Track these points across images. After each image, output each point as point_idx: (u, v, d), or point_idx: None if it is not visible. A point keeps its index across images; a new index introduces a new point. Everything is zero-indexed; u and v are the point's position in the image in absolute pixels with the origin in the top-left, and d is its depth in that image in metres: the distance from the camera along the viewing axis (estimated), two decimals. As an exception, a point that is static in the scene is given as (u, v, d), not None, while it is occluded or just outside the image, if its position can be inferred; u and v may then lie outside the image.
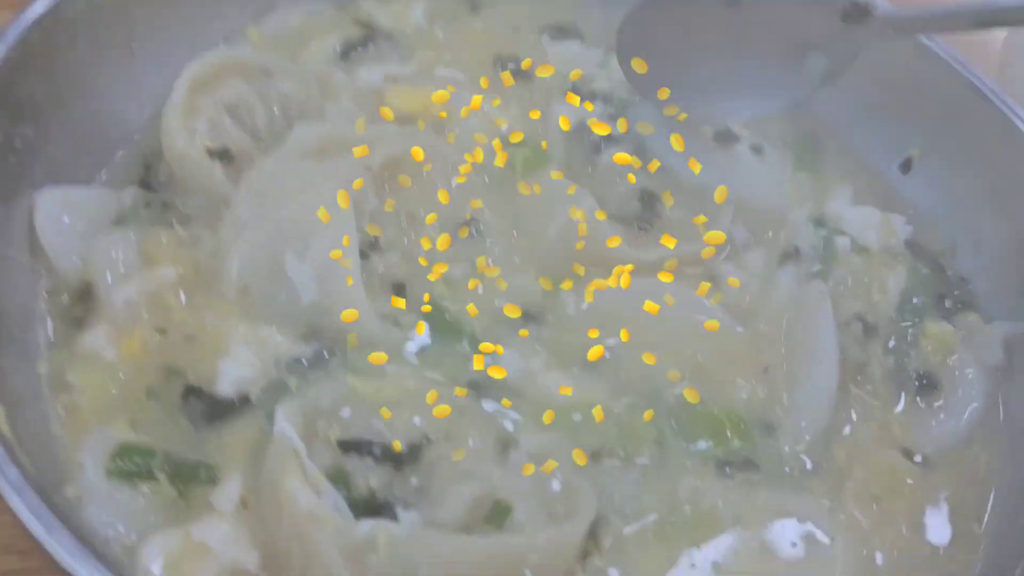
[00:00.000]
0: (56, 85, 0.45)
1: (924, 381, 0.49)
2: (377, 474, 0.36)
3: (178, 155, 0.44)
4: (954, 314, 0.52)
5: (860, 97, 0.58)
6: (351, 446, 0.37)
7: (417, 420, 0.39)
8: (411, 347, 0.44)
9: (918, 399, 0.49)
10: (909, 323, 0.50)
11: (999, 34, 0.77)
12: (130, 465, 0.36)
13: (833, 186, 0.59)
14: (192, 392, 0.40)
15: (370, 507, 0.35)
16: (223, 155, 0.45)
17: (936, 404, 0.49)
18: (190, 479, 0.37)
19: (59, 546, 0.30)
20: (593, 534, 0.38)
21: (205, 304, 0.43)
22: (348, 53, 0.57)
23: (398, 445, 0.36)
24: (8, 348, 0.39)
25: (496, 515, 0.35)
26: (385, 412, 0.38)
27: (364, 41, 0.58)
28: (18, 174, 0.43)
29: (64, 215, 0.42)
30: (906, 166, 0.57)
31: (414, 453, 0.37)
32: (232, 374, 0.40)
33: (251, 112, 0.47)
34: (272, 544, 0.35)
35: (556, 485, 0.38)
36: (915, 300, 0.51)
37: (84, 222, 0.43)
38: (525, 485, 0.37)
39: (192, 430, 0.39)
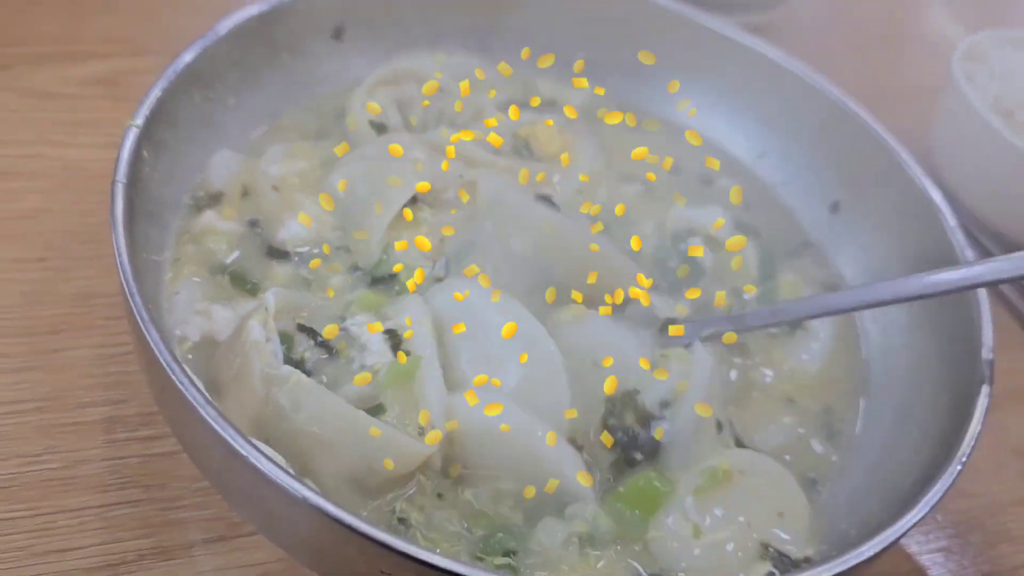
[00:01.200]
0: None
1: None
2: (312, 352, 0.48)
3: (350, 116, 0.62)
4: (795, 260, 0.63)
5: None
6: (304, 329, 0.49)
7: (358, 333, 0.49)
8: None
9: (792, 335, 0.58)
10: (770, 284, 0.60)
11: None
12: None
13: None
14: (260, 231, 0.56)
15: (296, 366, 0.46)
16: (379, 127, 0.62)
17: (802, 334, 0.58)
18: (240, 286, 0.53)
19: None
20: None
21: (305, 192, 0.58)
22: (509, 103, 0.63)
23: (332, 332, 0.48)
24: (155, 219, 0.52)
25: (373, 410, 0.45)
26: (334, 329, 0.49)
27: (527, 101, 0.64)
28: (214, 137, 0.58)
29: (231, 164, 0.58)
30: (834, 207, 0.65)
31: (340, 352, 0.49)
32: (297, 231, 0.55)
33: (411, 108, 0.64)
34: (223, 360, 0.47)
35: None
36: (765, 264, 0.61)
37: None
38: (403, 396, 0.46)
39: (253, 255, 0.54)
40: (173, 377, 0.38)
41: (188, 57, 0.53)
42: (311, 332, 0.48)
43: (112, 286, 0.61)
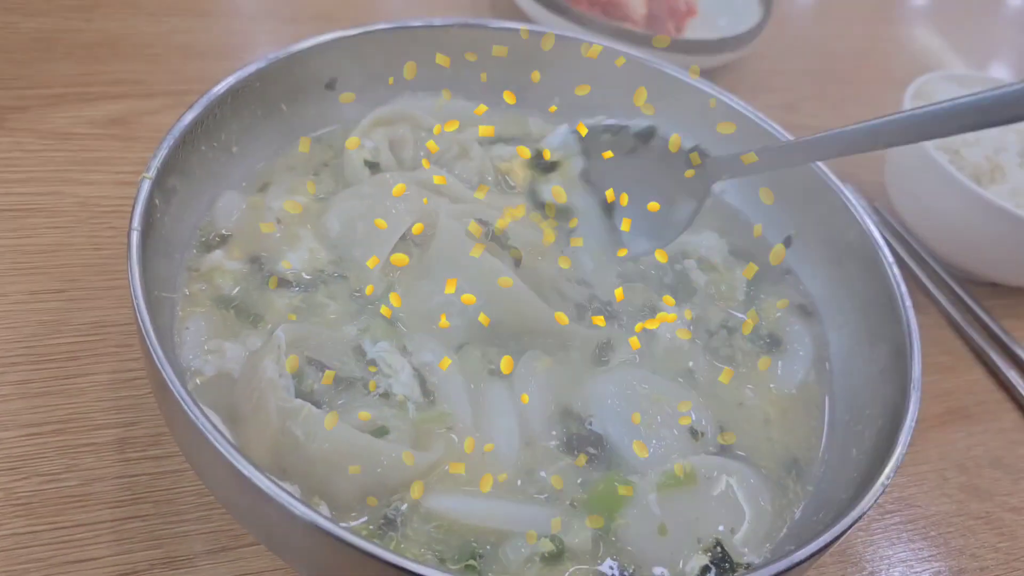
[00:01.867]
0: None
1: (770, 340, 0.65)
2: (318, 383, 0.52)
3: (346, 155, 0.67)
4: (776, 285, 0.69)
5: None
6: (313, 361, 0.53)
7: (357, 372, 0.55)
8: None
9: (772, 355, 0.64)
10: (754, 306, 0.66)
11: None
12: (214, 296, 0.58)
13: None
14: (261, 266, 0.61)
15: (306, 399, 0.51)
16: (373, 166, 0.67)
17: (781, 353, 0.64)
18: (244, 318, 0.57)
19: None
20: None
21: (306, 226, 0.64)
22: (495, 142, 0.72)
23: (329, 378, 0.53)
24: (166, 257, 0.57)
25: (376, 431, 0.51)
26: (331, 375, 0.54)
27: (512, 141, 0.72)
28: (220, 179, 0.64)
29: (234, 208, 0.64)
30: (788, 241, 0.71)
31: (345, 383, 0.54)
32: (291, 260, 0.61)
33: (403, 147, 0.69)
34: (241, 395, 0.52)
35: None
36: (751, 288, 0.68)
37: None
38: (403, 424, 0.52)
39: (255, 288, 0.59)
40: (186, 408, 0.43)
41: (193, 113, 0.58)
42: (319, 364, 0.53)
43: (124, 316, 0.66)
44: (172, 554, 0.55)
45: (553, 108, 0.73)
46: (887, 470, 0.50)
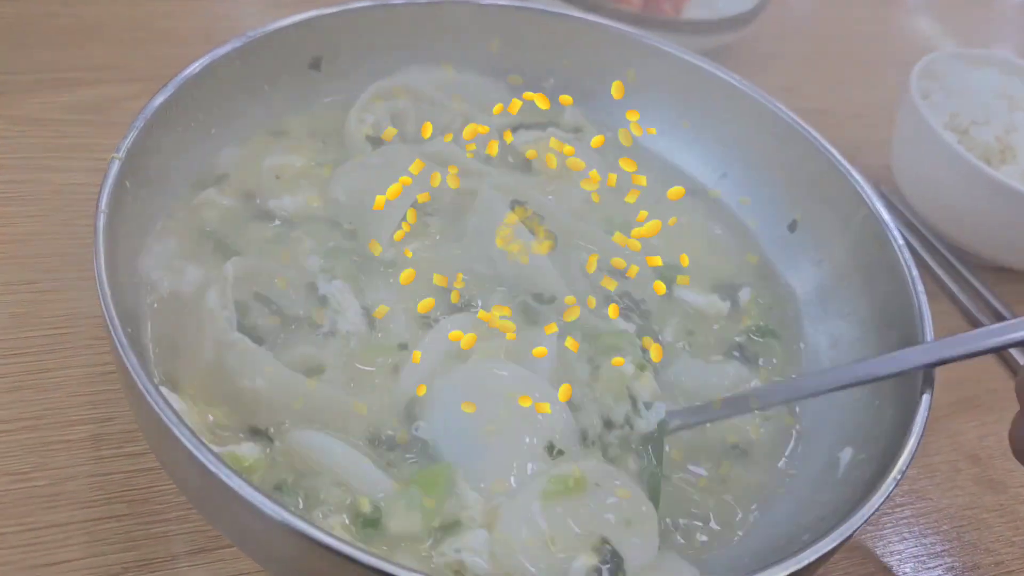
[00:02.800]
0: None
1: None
2: (265, 321, 0.52)
3: (347, 131, 0.66)
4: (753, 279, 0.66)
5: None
6: (261, 298, 0.53)
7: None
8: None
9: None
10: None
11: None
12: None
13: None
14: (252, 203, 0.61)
15: (249, 334, 0.50)
16: (374, 141, 0.65)
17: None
18: (219, 251, 0.57)
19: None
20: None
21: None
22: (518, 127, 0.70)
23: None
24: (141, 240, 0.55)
25: (310, 371, 0.51)
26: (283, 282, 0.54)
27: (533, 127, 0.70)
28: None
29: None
30: (792, 226, 0.67)
31: (292, 323, 0.53)
32: (283, 201, 0.60)
33: (405, 121, 0.67)
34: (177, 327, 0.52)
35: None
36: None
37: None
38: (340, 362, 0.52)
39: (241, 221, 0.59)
40: (152, 403, 0.40)
41: (167, 93, 0.55)
42: (266, 300, 0.52)
43: (100, 308, 0.64)
44: (148, 556, 0.52)
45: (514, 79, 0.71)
46: (900, 463, 0.47)
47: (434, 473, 0.47)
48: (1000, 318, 0.85)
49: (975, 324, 0.84)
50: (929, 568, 0.63)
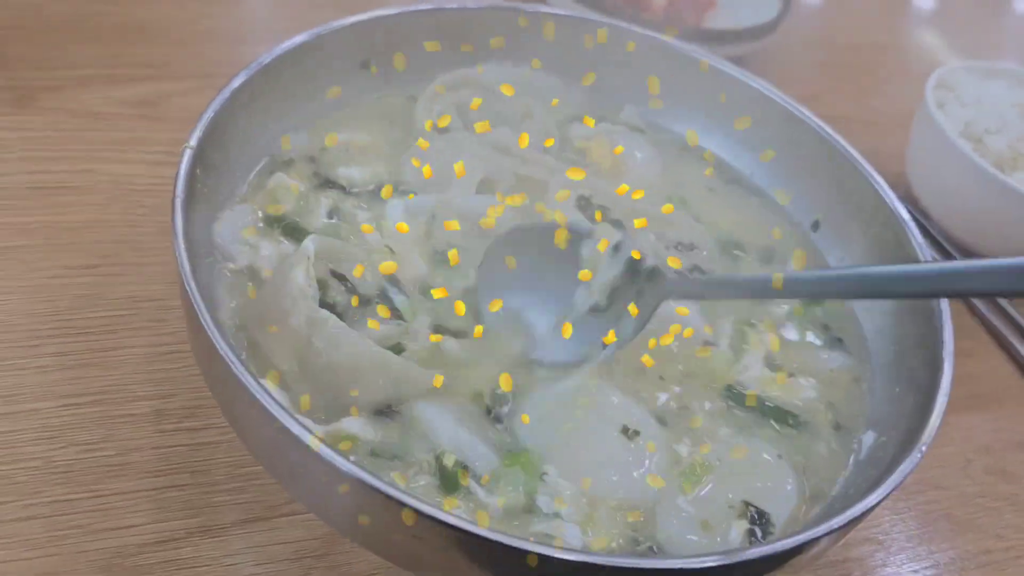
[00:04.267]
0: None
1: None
2: (344, 298, 0.55)
3: (415, 119, 0.68)
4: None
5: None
6: (338, 276, 0.55)
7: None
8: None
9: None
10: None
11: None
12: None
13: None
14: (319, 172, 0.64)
15: (329, 309, 0.52)
16: (441, 131, 0.68)
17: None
18: (289, 234, 0.59)
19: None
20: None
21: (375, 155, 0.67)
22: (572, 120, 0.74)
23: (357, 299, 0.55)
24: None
25: (395, 348, 0.53)
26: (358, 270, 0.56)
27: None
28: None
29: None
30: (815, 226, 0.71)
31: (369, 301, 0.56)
32: (354, 173, 0.64)
33: (470, 112, 0.69)
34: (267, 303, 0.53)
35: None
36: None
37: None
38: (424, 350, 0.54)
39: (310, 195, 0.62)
40: (229, 362, 0.43)
41: (235, 84, 0.58)
42: (342, 278, 0.55)
43: (158, 292, 0.67)
44: (208, 523, 0.55)
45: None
46: (924, 436, 0.50)
47: (524, 457, 0.50)
48: (1009, 318, 0.88)
49: (985, 323, 0.87)
50: (944, 550, 0.66)
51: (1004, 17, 1.59)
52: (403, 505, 0.40)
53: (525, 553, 0.39)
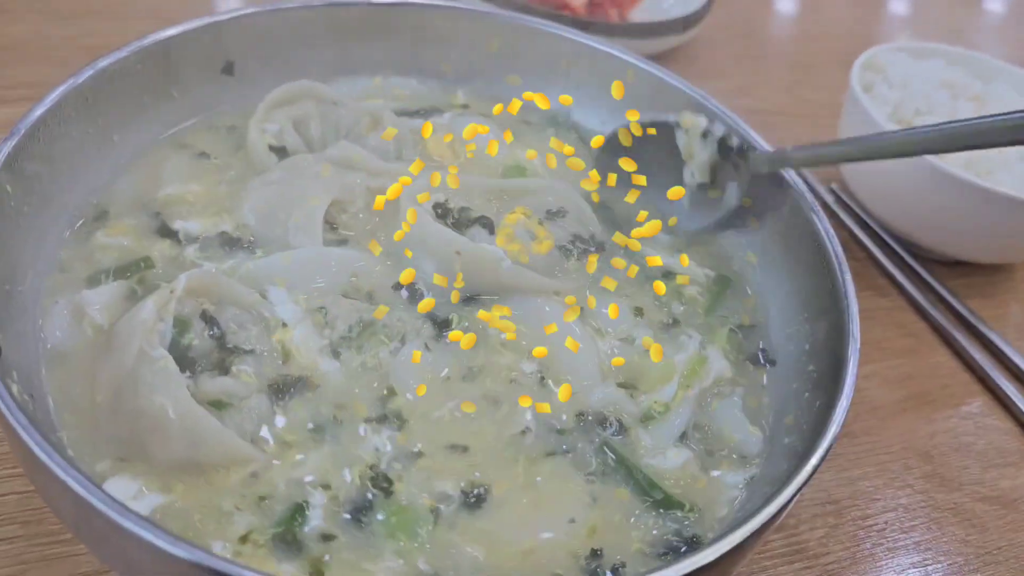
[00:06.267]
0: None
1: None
2: (202, 341, 0.49)
3: (249, 143, 0.63)
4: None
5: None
6: (207, 318, 0.50)
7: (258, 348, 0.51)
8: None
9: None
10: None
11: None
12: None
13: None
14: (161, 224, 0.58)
15: (179, 354, 0.48)
16: (279, 151, 0.63)
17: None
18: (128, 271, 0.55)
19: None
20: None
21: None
22: (417, 112, 0.71)
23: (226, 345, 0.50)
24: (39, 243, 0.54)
25: (216, 404, 0.47)
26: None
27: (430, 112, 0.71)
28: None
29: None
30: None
31: (228, 353, 0.50)
32: (191, 224, 0.58)
33: (308, 125, 0.64)
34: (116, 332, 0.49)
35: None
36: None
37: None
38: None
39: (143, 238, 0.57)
40: (24, 436, 0.38)
41: (54, 96, 0.54)
42: (211, 321, 0.49)
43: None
44: (39, 581, 0.49)
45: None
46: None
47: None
48: (953, 311, 0.82)
49: (927, 318, 0.81)
50: (879, 570, 0.60)
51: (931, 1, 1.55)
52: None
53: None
